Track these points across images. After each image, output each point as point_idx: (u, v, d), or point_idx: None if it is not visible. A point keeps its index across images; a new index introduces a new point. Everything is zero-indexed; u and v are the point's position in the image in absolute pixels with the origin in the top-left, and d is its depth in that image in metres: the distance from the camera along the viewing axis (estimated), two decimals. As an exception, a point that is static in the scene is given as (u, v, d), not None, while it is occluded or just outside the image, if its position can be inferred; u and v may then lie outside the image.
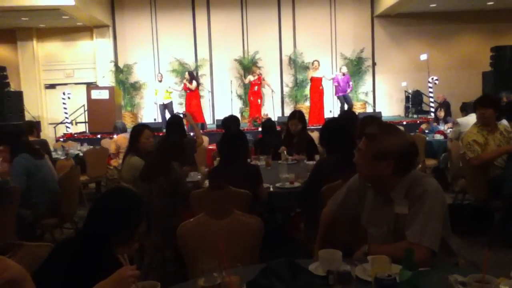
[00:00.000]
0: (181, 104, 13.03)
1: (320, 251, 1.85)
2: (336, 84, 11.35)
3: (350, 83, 11.65)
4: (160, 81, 11.58)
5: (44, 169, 4.06)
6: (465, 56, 13.48)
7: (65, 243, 1.67)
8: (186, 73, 11.56)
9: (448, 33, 13.58)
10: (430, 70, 11.86)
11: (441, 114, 8.08)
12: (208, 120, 13.42)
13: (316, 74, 11.06)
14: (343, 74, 11.39)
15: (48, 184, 4.04)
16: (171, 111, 11.49)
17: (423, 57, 11.89)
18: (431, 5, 12.42)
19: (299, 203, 3.46)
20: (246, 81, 11.76)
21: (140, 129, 4.28)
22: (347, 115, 5.17)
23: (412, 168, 1.99)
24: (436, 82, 11.51)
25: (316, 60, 11.20)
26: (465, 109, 6.66)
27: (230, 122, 5.59)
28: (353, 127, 3.45)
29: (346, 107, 11.30)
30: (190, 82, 11.18)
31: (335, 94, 11.59)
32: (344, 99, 11.43)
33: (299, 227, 3.47)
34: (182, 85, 11.56)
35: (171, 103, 11.66)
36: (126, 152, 4.27)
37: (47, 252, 1.76)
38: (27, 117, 12.25)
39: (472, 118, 5.50)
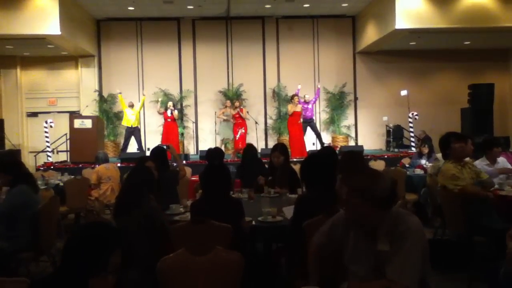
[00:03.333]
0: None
1: (300, 289, 1.85)
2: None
3: (314, 98, 11.80)
4: (132, 106, 11.54)
5: (37, 205, 4.00)
6: (444, 92, 13.87)
7: (42, 282, 1.63)
8: (170, 102, 11.59)
9: (427, 71, 14.01)
10: (410, 106, 12.15)
11: (425, 150, 8.17)
12: (192, 151, 13.43)
13: (297, 108, 11.05)
14: (305, 102, 11.35)
15: (34, 219, 3.95)
16: (138, 138, 11.45)
17: (403, 93, 12.20)
18: (411, 43, 12.86)
19: (286, 240, 3.44)
20: (227, 113, 11.81)
21: (144, 160, 4.32)
22: (325, 151, 5.23)
23: (394, 204, 2.03)
24: (416, 117, 11.78)
25: (295, 95, 11.18)
26: (444, 145, 6.77)
27: (214, 154, 5.59)
28: (332, 163, 3.49)
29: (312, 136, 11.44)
30: (172, 112, 11.25)
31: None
32: (311, 127, 11.49)
33: (281, 262, 3.45)
34: (163, 113, 11.53)
35: (138, 129, 11.61)
36: None
37: (23, 289, 1.72)
38: (7, 145, 12.08)
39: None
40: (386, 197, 1.94)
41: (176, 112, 11.56)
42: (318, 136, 11.83)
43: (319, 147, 11.66)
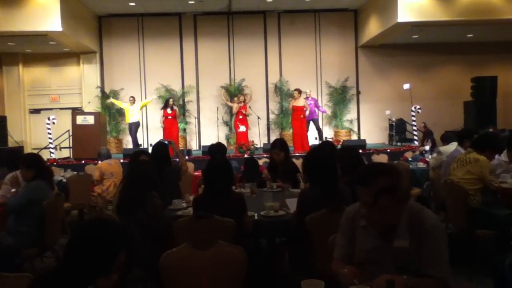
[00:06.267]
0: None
1: (303, 282, 1.84)
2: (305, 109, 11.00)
3: (321, 108, 11.50)
4: (133, 101, 11.50)
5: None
6: (447, 86, 13.82)
7: (45, 277, 1.63)
8: (170, 100, 11.44)
9: (430, 64, 13.95)
10: (413, 100, 12.11)
11: (428, 146, 8.14)
12: (194, 146, 13.44)
13: (297, 103, 10.93)
14: (307, 97, 11.16)
15: (40, 216, 3.97)
16: (135, 131, 11.45)
17: (406, 86, 12.16)
18: (413, 37, 12.80)
19: (290, 236, 3.43)
20: (234, 110, 11.69)
21: (138, 154, 4.29)
22: (325, 146, 5.22)
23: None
24: (419, 111, 11.74)
25: (296, 89, 10.98)
26: (446, 139, 6.75)
27: (216, 150, 5.58)
28: (332, 158, 3.49)
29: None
30: (173, 109, 11.17)
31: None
32: (313, 122, 11.40)
33: (284, 258, 3.45)
34: (162, 111, 11.43)
35: (134, 123, 11.53)
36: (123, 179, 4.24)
37: (26, 285, 1.72)
38: (10, 142, 12.12)
39: (453, 147, 5.60)
40: (407, 187, 1.92)
41: (177, 109, 11.44)
42: (319, 131, 11.74)
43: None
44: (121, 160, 9.36)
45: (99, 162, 7.00)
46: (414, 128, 11.88)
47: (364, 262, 2.04)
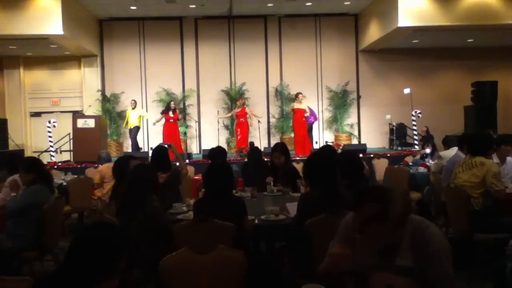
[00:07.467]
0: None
1: (304, 286, 1.84)
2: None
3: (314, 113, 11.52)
4: (134, 108, 11.57)
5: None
6: (447, 90, 13.84)
7: (45, 280, 1.62)
8: (172, 102, 11.52)
9: (430, 68, 13.98)
10: (414, 104, 12.11)
11: (428, 149, 8.12)
12: (195, 150, 13.44)
13: (299, 106, 10.88)
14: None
15: (40, 219, 3.96)
16: (134, 136, 11.48)
17: (407, 91, 12.17)
18: (414, 41, 12.83)
19: (290, 239, 3.43)
20: (232, 113, 11.76)
21: (126, 160, 4.26)
22: (325, 150, 5.23)
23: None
24: (420, 115, 11.74)
25: (299, 93, 11.00)
26: (447, 143, 6.76)
27: (217, 153, 5.59)
28: (331, 159, 3.50)
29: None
30: (175, 112, 11.22)
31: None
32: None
33: (284, 261, 3.45)
34: (164, 114, 11.47)
35: (135, 128, 11.61)
36: (115, 185, 4.22)
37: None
38: (11, 145, 12.12)
39: (453, 152, 5.59)
40: (402, 213, 1.81)
41: (178, 112, 11.50)
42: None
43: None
44: (122, 164, 9.35)
45: (100, 165, 6.99)
46: (415, 132, 11.88)
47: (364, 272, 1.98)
